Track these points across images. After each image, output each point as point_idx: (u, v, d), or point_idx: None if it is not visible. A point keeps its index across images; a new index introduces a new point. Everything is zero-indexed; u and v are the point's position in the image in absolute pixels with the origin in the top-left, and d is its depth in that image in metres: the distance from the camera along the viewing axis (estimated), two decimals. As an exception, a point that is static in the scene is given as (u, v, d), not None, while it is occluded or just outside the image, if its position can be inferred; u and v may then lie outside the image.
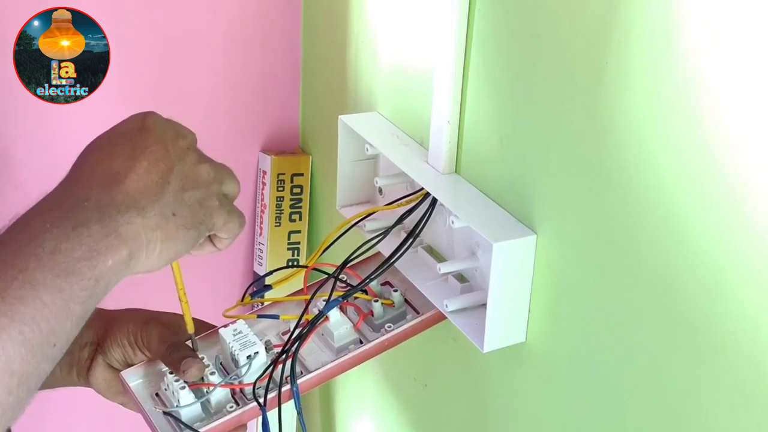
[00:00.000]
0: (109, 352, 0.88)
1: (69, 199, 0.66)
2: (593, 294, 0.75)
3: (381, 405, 1.19)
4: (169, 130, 0.71)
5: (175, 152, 0.70)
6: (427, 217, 0.89)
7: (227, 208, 0.74)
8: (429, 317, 0.90)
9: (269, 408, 0.82)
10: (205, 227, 0.72)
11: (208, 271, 1.36)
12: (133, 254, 0.66)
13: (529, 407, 0.86)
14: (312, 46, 1.25)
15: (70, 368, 0.90)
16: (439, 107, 0.87)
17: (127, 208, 0.66)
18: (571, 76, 0.72)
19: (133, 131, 0.70)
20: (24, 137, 1.17)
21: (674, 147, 0.63)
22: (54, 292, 0.60)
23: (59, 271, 0.61)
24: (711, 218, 0.62)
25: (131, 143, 0.69)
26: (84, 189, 0.66)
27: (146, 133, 0.70)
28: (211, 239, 0.76)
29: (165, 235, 0.68)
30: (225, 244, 0.76)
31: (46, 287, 0.60)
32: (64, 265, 0.61)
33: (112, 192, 0.66)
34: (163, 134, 0.70)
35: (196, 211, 0.70)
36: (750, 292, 0.60)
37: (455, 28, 0.83)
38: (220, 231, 0.74)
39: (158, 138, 0.70)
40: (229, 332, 0.84)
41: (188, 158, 0.71)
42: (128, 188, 0.67)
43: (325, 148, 1.27)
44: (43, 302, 0.60)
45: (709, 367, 0.64)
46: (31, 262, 0.60)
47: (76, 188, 0.67)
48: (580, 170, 0.73)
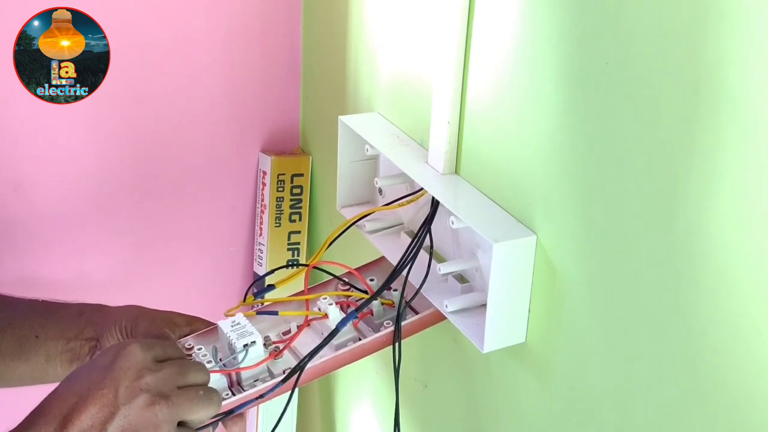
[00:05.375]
0: (106, 345, 0.89)
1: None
2: (593, 294, 0.75)
3: (381, 405, 1.18)
4: (132, 368, 0.75)
5: (126, 395, 0.74)
6: (431, 221, 0.89)
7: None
8: (428, 315, 0.90)
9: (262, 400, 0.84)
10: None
11: (208, 272, 1.36)
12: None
13: (529, 407, 0.86)
14: (312, 46, 1.25)
15: (71, 364, 0.92)
16: (439, 107, 0.87)
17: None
18: (571, 76, 0.72)
19: (99, 367, 0.76)
20: (24, 137, 1.17)
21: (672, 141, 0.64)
22: None
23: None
24: (712, 216, 0.62)
25: (89, 381, 0.75)
26: (38, 426, 0.73)
27: (108, 371, 0.75)
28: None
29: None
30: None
31: None
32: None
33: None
34: (124, 373, 0.75)
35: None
36: (750, 293, 0.60)
37: (455, 28, 0.83)
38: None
39: (115, 379, 0.74)
40: (228, 324, 0.85)
41: (137, 401, 0.74)
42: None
43: (325, 149, 1.27)
44: None
45: (708, 367, 0.64)
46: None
47: (33, 423, 0.73)
48: (579, 170, 0.73)
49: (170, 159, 1.26)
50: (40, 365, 0.92)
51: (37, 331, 0.92)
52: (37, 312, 0.95)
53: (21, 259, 1.23)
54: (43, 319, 0.94)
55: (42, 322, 0.93)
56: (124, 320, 0.90)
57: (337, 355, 0.86)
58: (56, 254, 1.24)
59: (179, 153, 1.27)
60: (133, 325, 0.89)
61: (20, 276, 1.23)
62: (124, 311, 0.92)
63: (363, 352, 0.88)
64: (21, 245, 1.23)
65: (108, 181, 1.24)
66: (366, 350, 0.88)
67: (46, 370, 0.92)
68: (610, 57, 0.68)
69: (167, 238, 1.31)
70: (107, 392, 0.74)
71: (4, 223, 1.21)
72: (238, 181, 1.32)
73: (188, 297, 1.34)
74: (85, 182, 1.22)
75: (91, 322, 0.92)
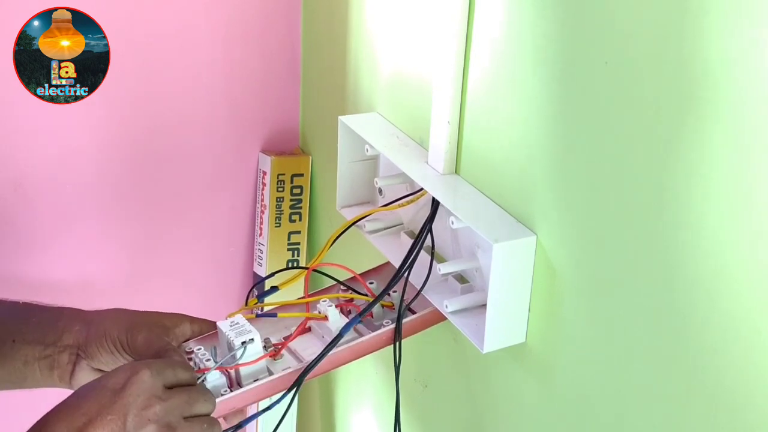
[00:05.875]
0: (96, 357, 0.87)
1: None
2: (593, 294, 0.75)
3: (381, 405, 1.18)
4: (142, 395, 0.76)
5: (134, 424, 0.75)
6: (431, 221, 0.89)
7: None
8: (428, 315, 0.90)
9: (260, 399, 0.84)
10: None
11: (208, 272, 1.36)
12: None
13: (529, 407, 0.86)
14: (312, 46, 1.25)
15: (51, 371, 0.90)
16: (439, 107, 0.87)
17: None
18: (571, 76, 0.72)
19: (110, 389, 0.76)
20: (24, 137, 1.17)
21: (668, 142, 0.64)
22: None
23: None
24: (712, 216, 0.62)
25: (99, 404, 0.75)
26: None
27: (118, 397, 0.76)
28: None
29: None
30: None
31: None
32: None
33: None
34: (134, 400, 0.76)
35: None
36: (749, 293, 0.60)
37: (455, 28, 0.83)
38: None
39: (124, 405, 0.75)
40: (227, 324, 0.85)
41: (146, 430, 0.75)
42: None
43: (325, 149, 1.27)
44: None
45: (708, 367, 0.64)
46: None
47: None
48: (579, 171, 0.73)
49: (170, 159, 1.26)
50: (18, 370, 0.90)
51: (14, 335, 0.91)
52: (15, 315, 0.93)
53: (21, 259, 1.23)
54: (21, 323, 0.92)
55: (19, 327, 0.91)
56: (115, 331, 0.88)
57: (336, 353, 0.86)
58: (56, 254, 1.24)
59: (179, 153, 1.27)
60: (128, 337, 0.88)
61: (20, 276, 1.23)
62: (110, 321, 0.90)
63: (362, 351, 0.88)
64: (21, 245, 1.23)
65: (108, 181, 1.24)
66: (365, 349, 0.88)
67: (25, 374, 0.90)
68: (610, 57, 0.68)
69: (167, 238, 1.31)
70: (116, 418, 0.75)
71: (4, 222, 1.21)
72: (238, 181, 1.32)
73: (188, 297, 1.34)
74: (85, 182, 1.22)
75: (70, 329, 0.90)
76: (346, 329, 0.86)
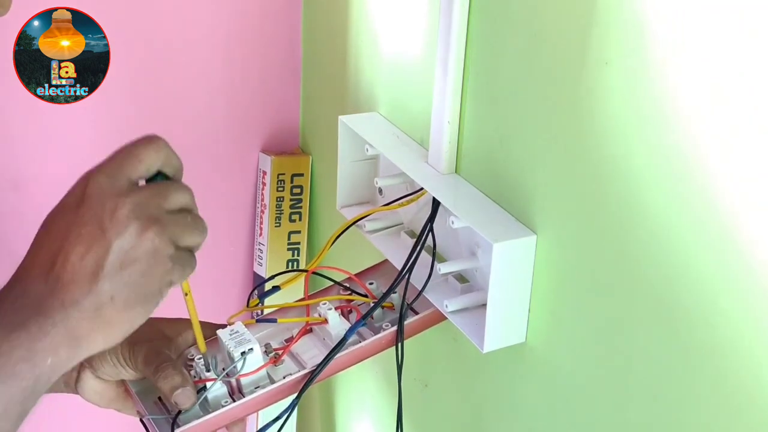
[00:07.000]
0: (99, 368, 0.86)
1: (11, 293, 0.64)
2: (593, 294, 0.75)
3: (381, 405, 1.18)
4: (108, 198, 0.66)
5: (113, 227, 0.65)
6: (432, 221, 0.89)
7: (184, 262, 0.70)
8: (428, 315, 0.90)
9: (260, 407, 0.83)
10: (157, 296, 0.68)
11: (208, 272, 1.36)
12: (73, 349, 0.64)
13: (529, 407, 0.86)
14: (312, 46, 1.25)
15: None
16: (439, 107, 0.87)
17: (62, 303, 0.63)
18: (572, 76, 0.72)
19: (71, 206, 0.67)
20: (24, 137, 1.17)
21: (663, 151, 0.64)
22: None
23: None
24: (712, 216, 0.62)
25: (67, 222, 0.66)
26: (24, 280, 0.65)
27: (83, 209, 0.66)
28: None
29: (105, 322, 0.65)
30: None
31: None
32: (3, 369, 0.60)
33: (49, 283, 0.64)
34: (101, 206, 0.65)
35: (139, 287, 0.66)
36: (749, 293, 0.60)
37: (455, 28, 0.83)
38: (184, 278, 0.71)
39: (95, 214, 0.65)
40: (226, 333, 0.85)
41: (129, 230, 0.65)
42: (63, 279, 0.64)
43: (325, 149, 1.27)
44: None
45: (707, 367, 0.64)
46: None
47: (19, 279, 0.66)
48: (579, 170, 0.73)
49: (170, 159, 1.26)
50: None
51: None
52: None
53: (21, 259, 1.23)
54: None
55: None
56: (117, 345, 0.79)
57: (338, 358, 0.86)
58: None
59: (179, 153, 1.26)
60: (131, 353, 0.85)
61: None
62: None
63: (364, 354, 0.87)
64: (20, 245, 1.23)
65: (108, 181, 1.23)
66: (368, 352, 0.88)
67: None
68: (611, 56, 0.68)
69: (167, 238, 1.31)
70: (91, 229, 0.65)
71: (4, 222, 1.21)
72: (238, 181, 1.32)
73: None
74: (85, 182, 1.22)
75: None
76: (349, 334, 0.86)
